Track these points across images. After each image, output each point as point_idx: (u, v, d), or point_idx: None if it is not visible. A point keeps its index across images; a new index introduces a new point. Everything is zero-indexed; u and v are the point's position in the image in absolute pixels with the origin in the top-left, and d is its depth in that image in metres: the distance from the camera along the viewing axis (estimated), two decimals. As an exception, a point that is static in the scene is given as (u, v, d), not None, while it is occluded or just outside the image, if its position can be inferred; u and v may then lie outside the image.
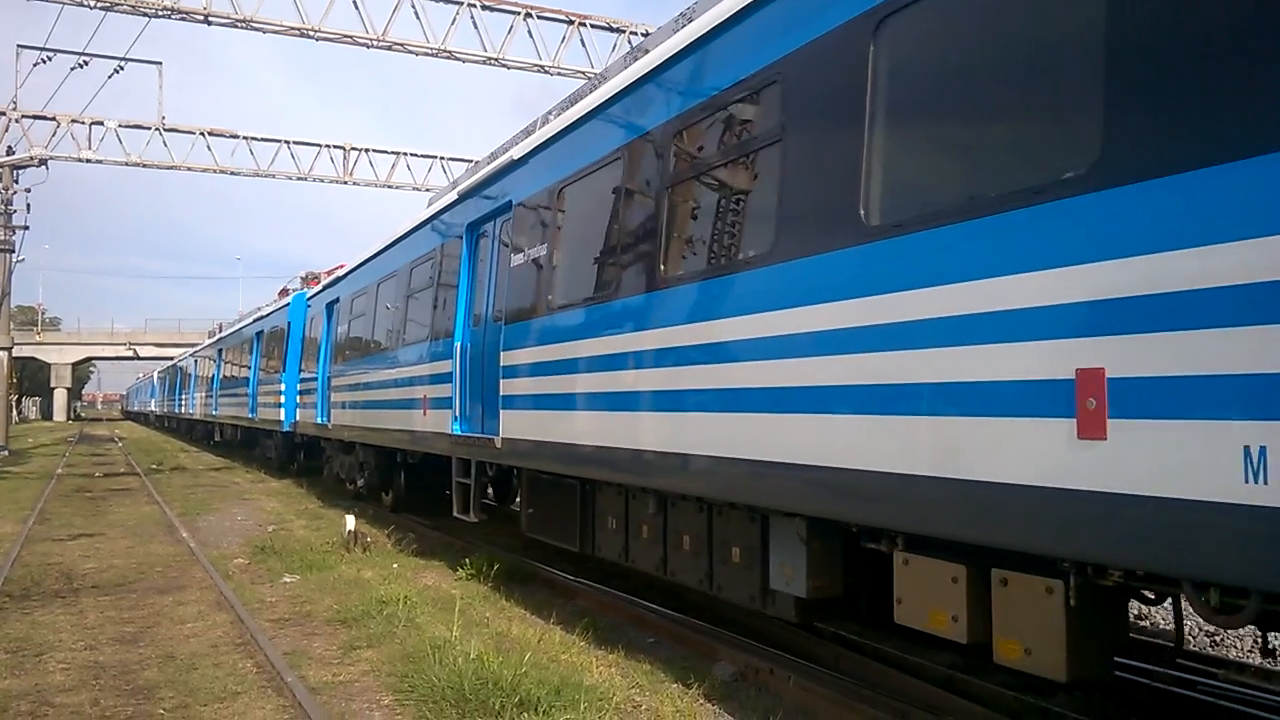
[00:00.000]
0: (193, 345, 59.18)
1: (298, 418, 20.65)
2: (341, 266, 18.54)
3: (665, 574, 7.34)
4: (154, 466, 29.38)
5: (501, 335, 9.24)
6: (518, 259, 9.13)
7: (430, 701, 6.06)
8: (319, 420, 18.32)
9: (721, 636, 7.49)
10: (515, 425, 8.85)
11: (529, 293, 8.87)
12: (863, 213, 4.71)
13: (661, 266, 6.56)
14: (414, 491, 15.45)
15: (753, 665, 6.76)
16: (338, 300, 17.82)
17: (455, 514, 10.65)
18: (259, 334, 27.06)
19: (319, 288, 20.23)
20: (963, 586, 4.51)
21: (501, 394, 9.07)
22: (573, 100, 9.02)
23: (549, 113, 9.61)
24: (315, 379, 18.62)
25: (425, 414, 11.51)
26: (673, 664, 7.00)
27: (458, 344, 10.53)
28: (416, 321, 12.51)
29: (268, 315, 26.55)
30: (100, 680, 6.88)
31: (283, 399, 21.74)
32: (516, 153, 9.56)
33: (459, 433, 10.40)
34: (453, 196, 11.66)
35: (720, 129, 6.23)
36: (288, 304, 23.11)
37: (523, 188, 9.30)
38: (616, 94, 7.64)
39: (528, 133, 9.91)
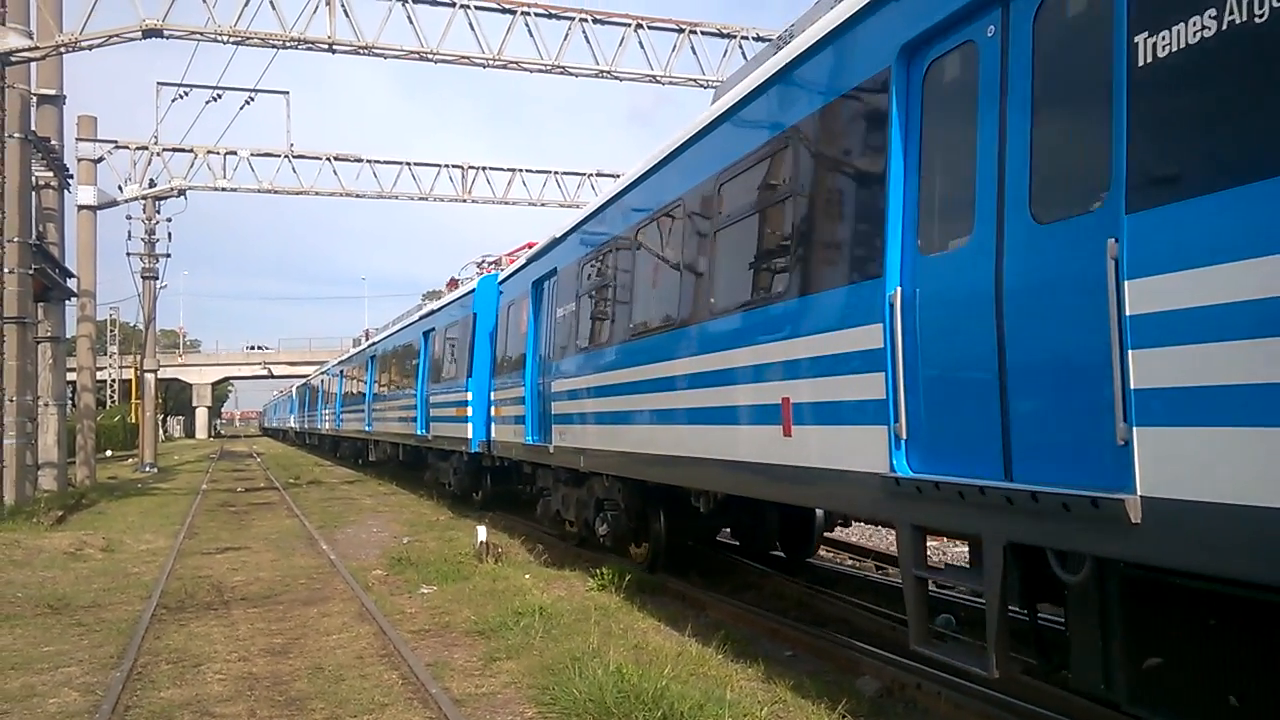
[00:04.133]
0: (323, 362, 60.01)
1: (493, 435, 16.35)
2: (531, 245, 15.13)
3: None
4: (291, 481, 30.56)
5: (1123, 253, 3.94)
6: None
7: (574, 714, 6.06)
8: (531, 439, 13.78)
9: (862, 650, 7.29)
10: (1225, 465, 3.52)
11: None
12: None
13: None
14: (682, 552, 11.54)
15: (899, 680, 6.56)
16: (554, 274, 13.09)
17: (914, 645, 5.51)
18: (427, 334, 22.34)
19: (517, 265, 15.61)
20: None
21: (1133, 385, 3.91)
22: None
23: None
24: (520, 384, 14.31)
25: (788, 432, 6.75)
26: (815, 678, 6.82)
27: (894, 292, 5.53)
28: (750, 271, 7.67)
29: (440, 310, 21.56)
30: (255, 691, 7.11)
31: (468, 411, 17.64)
32: None
33: (911, 474, 5.45)
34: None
35: None
36: (471, 292, 18.48)
37: None
38: None
39: None
